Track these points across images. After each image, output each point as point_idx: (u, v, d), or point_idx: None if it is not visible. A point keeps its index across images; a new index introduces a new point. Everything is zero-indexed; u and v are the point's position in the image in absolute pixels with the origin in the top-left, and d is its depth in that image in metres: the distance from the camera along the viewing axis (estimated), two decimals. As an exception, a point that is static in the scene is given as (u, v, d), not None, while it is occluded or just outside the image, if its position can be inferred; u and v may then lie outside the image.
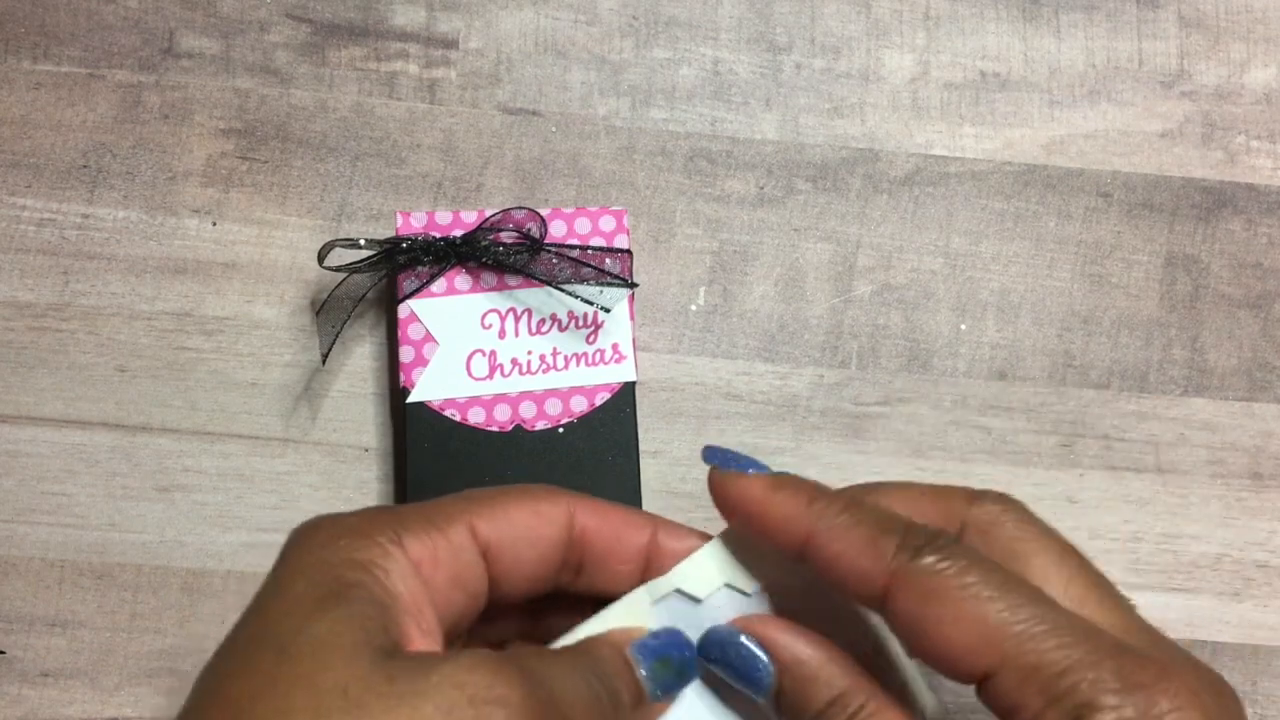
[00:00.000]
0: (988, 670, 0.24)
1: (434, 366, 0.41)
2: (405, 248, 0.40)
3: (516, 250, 0.41)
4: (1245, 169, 0.46)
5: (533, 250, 0.41)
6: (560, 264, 0.41)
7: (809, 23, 0.47)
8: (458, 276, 0.41)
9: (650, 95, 0.46)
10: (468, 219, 0.41)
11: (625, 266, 0.41)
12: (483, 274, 0.41)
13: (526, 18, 0.46)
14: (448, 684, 0.22)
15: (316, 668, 0.22)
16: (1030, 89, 0.46)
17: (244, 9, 0.45)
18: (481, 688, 0.22)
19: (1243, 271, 0.45)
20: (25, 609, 0.41)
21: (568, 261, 0.41)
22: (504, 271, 0.41)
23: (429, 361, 0.40)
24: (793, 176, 0.45)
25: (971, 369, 0.44)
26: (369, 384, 0.43)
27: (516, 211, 0.41)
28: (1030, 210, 0.46)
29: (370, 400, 0.43)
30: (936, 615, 0.24)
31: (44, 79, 0.44)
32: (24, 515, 0.42)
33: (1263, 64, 0.47)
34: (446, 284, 0.41)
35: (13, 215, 0.43)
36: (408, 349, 0.40)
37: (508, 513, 0.27)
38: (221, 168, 0.44)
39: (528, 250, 0.41)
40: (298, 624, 0.23)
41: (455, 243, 0.40)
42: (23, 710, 0.40)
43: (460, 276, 0.41)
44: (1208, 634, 0.43)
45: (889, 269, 0.45)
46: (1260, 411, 0.44)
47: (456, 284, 0.41)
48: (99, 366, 0.42)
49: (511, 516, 0.27)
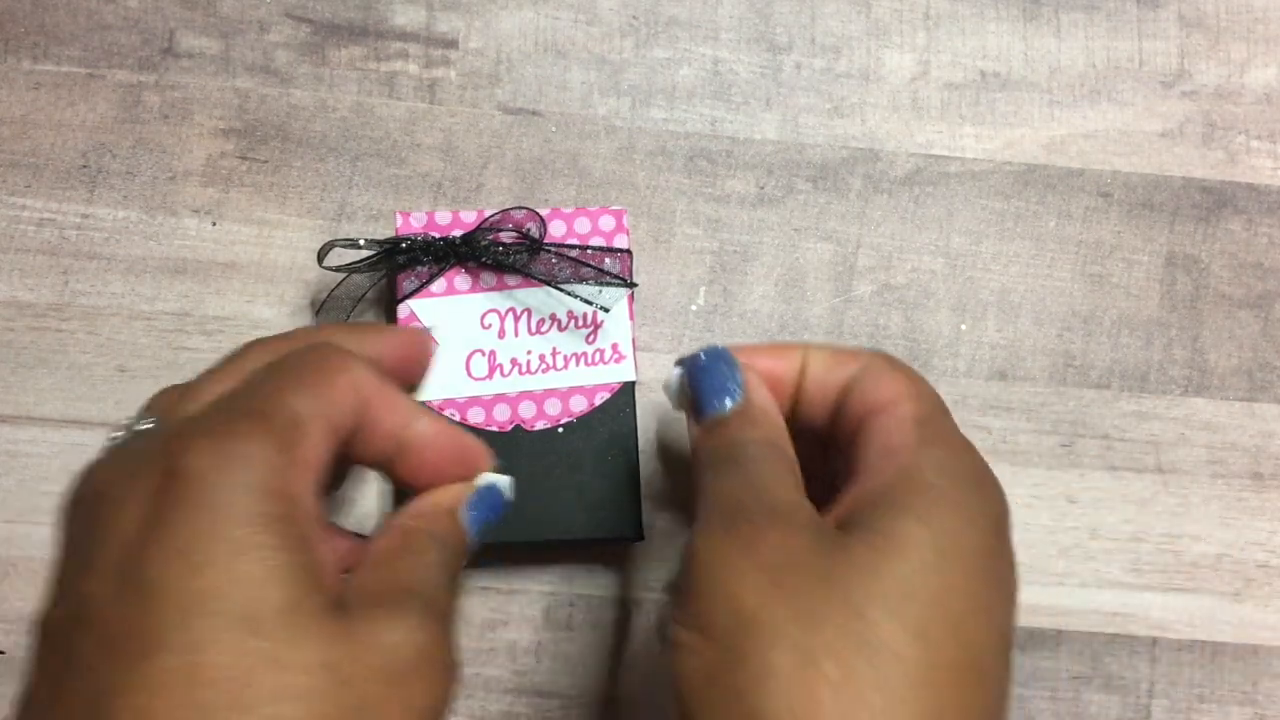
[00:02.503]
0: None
1: (433, 366, 0.41)
2: (405, 248, 0.40)
3: (516, 250, 0.41)
4: (1245, 169, 0.46)
5: (532, 250, 0.41)
6: (560, 264, 0.41)
7: (809, 22, 0.47)
8: (457, 276, 0.41)
9: (650, 95, 0.46)
10: (467, 219, 0.41)
11: (625, 266, 0.41)
12: (482, 274, 0.41)
13: (526, 18, 0.46)
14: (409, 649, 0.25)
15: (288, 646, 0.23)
16: (1030, 89, 0.46)
17: (244, 9, 0.45)
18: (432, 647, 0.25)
19: (1243, 271, 0.45)
20: (25, 609, 0.41)
21: (567, 261, 0.41)
22: (503, 271, 0.41)
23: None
24: (793, 176, 0.45)
25: (971, 369, 0.44)
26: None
27: (516, 211, 0.41)
28: (1030, 210, 0.45)
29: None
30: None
31: (44, 79, 0.44)
32: (24, 515, 0.42)
33: (1263, 64, 0.47)
34: (446, 284, 0.41)
35: (13, 215, 0.43)
36: None
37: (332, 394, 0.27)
38: (221, 168, 0.44)
39: (527, 250, 0.41)
40: (253, 590, 0.23)
41: (455, 243, 0.40)
42: (23, 710, 0.40)
43: (460, 276, 0.41)
44: (1208, 634, 0.43)
45: (889, 269, 0.45)
46: (1260, 411, 0.44)
47: (456, 284, 0.41)
48: (99, 366, 0.42)
49: (336, 397, 0.27)
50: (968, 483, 0.29)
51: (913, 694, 0.25)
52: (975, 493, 0.28)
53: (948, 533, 0.27)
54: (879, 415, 0.31)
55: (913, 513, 0.28)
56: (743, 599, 0.27)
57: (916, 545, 0.27)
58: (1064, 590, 0.43)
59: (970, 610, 0.27)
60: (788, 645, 0.26)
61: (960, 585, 0.27)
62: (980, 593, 0.27)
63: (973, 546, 0.27)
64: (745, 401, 0.32)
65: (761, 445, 0.31)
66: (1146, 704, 0.42)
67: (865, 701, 0.25)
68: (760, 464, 0.30)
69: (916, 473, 0.29)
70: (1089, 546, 0.43)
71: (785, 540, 0.28)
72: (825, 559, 0.27)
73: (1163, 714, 0.42)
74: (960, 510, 0.28)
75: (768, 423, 0.32)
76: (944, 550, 0.27)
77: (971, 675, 0.26)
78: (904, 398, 0.31)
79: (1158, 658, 0.43)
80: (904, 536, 0.27)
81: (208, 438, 0.25)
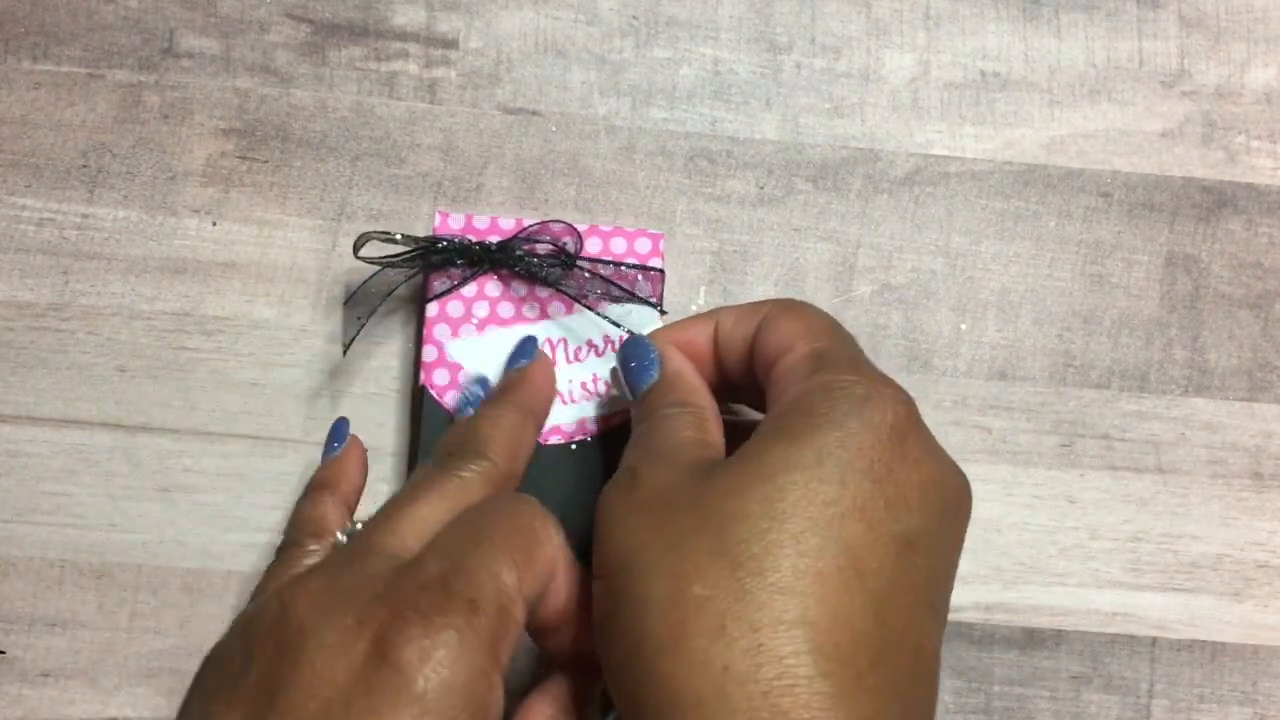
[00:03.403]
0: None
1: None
2: (441, 248, 0.40)
3: (550, 263, 0.40)
4: (1246, 169, 0.46)
5: (566, 264, 0.40)
6: (592, 281, 0.40)
7: (809, 22, 0.47)
8: (489, 282, 0.41)
9: (650, 95, 0.46)
10: (505, 225, 0.41)
11: (656, 288, 0.41)
12: (514, 282, 0.41)
13: (526, 17, 0.46)
14: None
15: None
16: (1030, 89, 0.46)
17: (244, 9, 0.45)
18: None
19: (1243, 271, 0.45)
20: (25, 609, 0.41)
21: (599, 280, 0.40)
22: (535, 283, 0.41)
23: (455, 366, 0.40)
24: (793, 176, 0.45)
25: (972, 369, 0.44)
26: (369, 385, 0.43)
27: (554, 224, 0.41)
28: (1030, 210, 0.45)
29: (369, 400, 0.43)
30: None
31: (44, 79, 0.44)
32: (24, 515, 0.42)
33: (1263, 64, 0.47)
34: (477, 288, 0.41)
35: (13, 215, 0.43)
36: (431, 348, 0.40)
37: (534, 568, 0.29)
38: (221, 167, 0.44)
39: (561, 264, 0.40)
40: None
41: (490, 249, 0.40)
42: (22, 710, 0.40)
43: (491, 282, 0.41)
44: (1208, 634, 0.43)
45: (889, 269, 0.45)
46: (1261, 411, 0.44)
47: (487, 289, 0.41)
48: (99, 366, 0.42)
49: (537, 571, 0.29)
50: (851, 399, 0.29)
51: (775, 599, 0.26)
52: (858, 407, 0.29)
53: (822, 450, 0.28)
54: (781, 358, 0.32)
55: (788, 436, 0.29)
56: (625, 539, 0.28)
57: (786, 466, 0.28)
58: (1064, 590, 0.43)
59: (846, 518, 0.27)
60: (662, 574, 0.27)
61: (836, 496, 0.27)
62: (862, 501, 0.27)
63: (851, 459, 0.28)
64: (660, 373, 0.35)
65: (671, 406, 0.33)
66: (1146, 704, 0.42)
67: (729, 613, 0.26)
68: (665, 421, 0.32)
69: (801, 398, 0.30)
70: (1089, 546, 0.43)
71: (663, 478, 0.29)
72: (697, 489, 0.28)
73: (1163, 714, 0.42)
74: (839, 427, 0.28)
75: (682, 385, 0.34)
76: (816, 466, 0.28)
77: (848, 579, 0.26)
78: (799, 337, 0.32)
79: (1158, 658, 0.43)
80: (775, 458, 0.28)
81: (420, 626, 0.25)
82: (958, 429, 0.44)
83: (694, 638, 0.26)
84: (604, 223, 0.44)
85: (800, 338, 0.32)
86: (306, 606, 0.26)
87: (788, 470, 0.28)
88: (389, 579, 0.27)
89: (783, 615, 0.25)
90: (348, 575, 0.27)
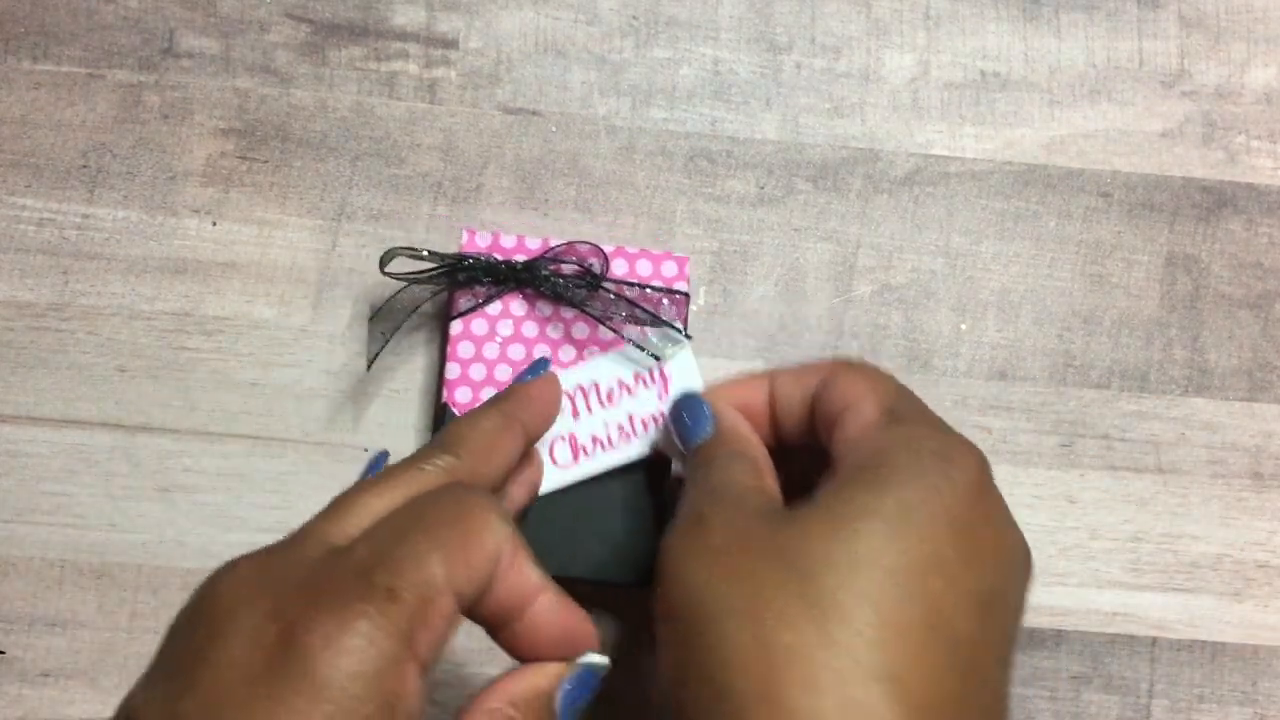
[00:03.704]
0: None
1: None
2: (467, 265, 0.40)
3: (576, 283, 0.40)
4: (1245, 169, 0.46)
5: (591, 286, 0.40)
6: (617, 303, 0.40)
7: (809, 22, 0.47)
8: (514, 301, 0.41)
9: (650, 95, 0.46)
10: (532, 245, 0.41)
11: (681, 311, 0.41)
12: (539, 302, 0.41)
13: (526, 17, 0.46)
14: None
15: None
16: (1030, 89, 0.46)
17: (244, 9, 0.45)
18: None
19: (1243, 271, 0.45)
20: (25, 609, 0.41)
21: (624, 302, 0.40)
22: (560, 303, 0.41)
23: (478, 384, 0.40)
24: (793, 176, 0.45)
25: (972, 369, 0.44)
26: (370, 385, 0.43)
27: (581, 245, 0.41)
28: (1030, 210, 0.45)
29: (368, 401, 0.43)
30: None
31: (44, 79, 0.44)
32: (24, 515, 0.42)
33: (1263, 64, 0.47)
34: (502, 306, 0.41)
35: (13, 215, 0.43)
36: (454, 365, 0.40)
37: (469, 559, 0.27)
38: (221, 167, 0.44)
39: (586, 285, 0.40)
40: None
41: (516, 268, 0.40)
42: (22, 710, 0.40)
43: (516, 301, 0.41)
44: (1208, 634, 0.43)
45: (889, 269, 0.45)
46: (1261, 411, 0.44)
47: (512, 308, 0.41)
48: (99, 366, 0.42)
49: (473, 562, 0.27)
50: (933, 455, 0.29)
51: (868, 654, 0.26)
52: (941, 463, 0.29)
53: (906, 502, 0.28)
54: (845, 413, 0.32)
55: (869, 486, 0.28)
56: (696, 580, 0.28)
57: (868, 514, 0.28)
58: (1064, 590, 0.43)
59: (929, 573, 0.27)
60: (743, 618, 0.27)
61: (918, 550, 0.27)
62: (943, 556, 0.27)
63: (934, 513, 0.28)
64: (715, 428, 0.35)
65: (727, 455, 0.33)
66: (1146, 704, 0.42)
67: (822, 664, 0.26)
68: (724, 469, 0.33)
69: (878, 452, 0.30)
70: (1089, 546, 0.43)
71: (734, 522, 0.29)
72: (776, 535, 0.28)
73: (1163, 714, 0.42)
74: (922, 479, 0.28)
75: (736, 438, 0.35)
76: (899, 518, 0.27)
77: (933, 635, 0.26)
78: (865, 394, 0.32)
79: (1158, 658, 0.43)
80: (857, 507, 0.28)
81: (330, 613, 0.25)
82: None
83: (786, 689, 0.25)
84: (604, 223, 0.44)
85: (866, 395, 0.32)
86: (232, 590, 0.26)
87: (869, 519, 0.27)
88: (315, 566, 0.26)
89: (870, 668, 0.25)
90: (278, 561, 0.27)
